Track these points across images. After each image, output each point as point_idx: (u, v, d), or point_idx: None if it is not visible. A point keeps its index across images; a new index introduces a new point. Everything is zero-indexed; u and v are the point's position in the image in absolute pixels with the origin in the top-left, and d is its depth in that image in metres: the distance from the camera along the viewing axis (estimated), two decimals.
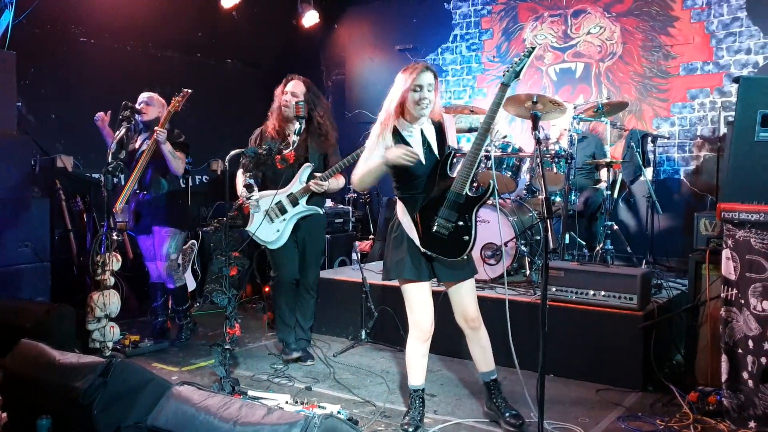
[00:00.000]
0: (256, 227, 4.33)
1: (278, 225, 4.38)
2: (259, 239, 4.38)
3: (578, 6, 6.67)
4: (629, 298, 4.15)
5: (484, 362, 3.54)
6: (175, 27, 6.93)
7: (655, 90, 6.31)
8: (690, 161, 6.17)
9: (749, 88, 3.92)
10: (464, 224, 3.21)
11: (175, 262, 5.05)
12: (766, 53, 5.74)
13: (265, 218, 4.33)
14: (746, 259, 3.26)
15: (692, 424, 3.48)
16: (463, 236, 3.21)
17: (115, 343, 4.62)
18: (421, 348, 3.43)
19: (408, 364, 3.48)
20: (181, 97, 4.75)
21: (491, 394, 3.55)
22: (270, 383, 4.22)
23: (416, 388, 3.48)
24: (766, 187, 3.73)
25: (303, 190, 4.35)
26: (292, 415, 2.29)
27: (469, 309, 3.44)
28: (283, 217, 4.37)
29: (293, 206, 4.38)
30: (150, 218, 4.98)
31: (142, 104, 4.93)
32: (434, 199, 3.27)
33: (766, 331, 3.18)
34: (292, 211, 4.38)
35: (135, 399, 2.71)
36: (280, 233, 4.39)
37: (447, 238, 3.22)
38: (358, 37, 8.30)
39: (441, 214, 3.22)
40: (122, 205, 4.79)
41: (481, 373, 3.58)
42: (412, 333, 3.42)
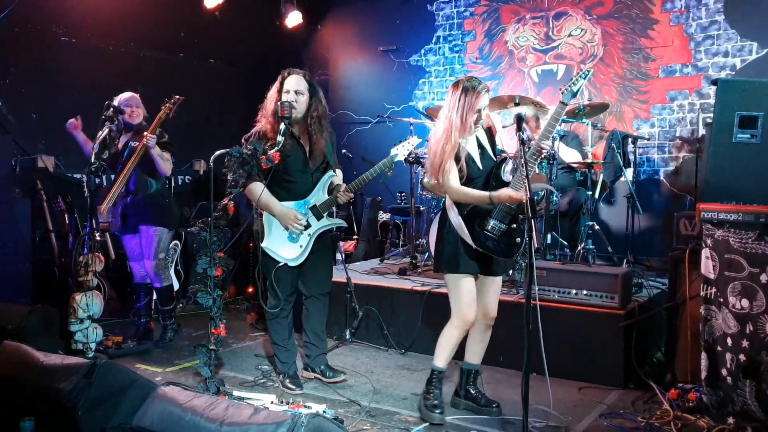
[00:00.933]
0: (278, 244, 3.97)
1: (301, 240, 3.97)
2: (280, 257, 3.97)
3: (560, 8, 6.73)
4: (611, 297, 4.20)
5: (477, 356, 3.77)
6: (157, 26, 6.89)
7: (635, 92, 6.39)
8: (669, 162, 6.25)
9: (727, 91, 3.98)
10: (516, 227, 3.41)
11: (163, 261, 5.04)
12: (743, 56, 5.83)
13: (286, 233, 3.97)
14: (725, 258, 3.32)
15: (672, 420, 3.54)
16: (516, 238, 3.42)
17: (98, 344, 4.58)
18: (460, 337, 3.61)
19: (443, 347, 3.64)
20: (172, 104, 4.76)
21: (469, 382, 3.78)
22: (255, 383, 4.21)
23: (441, 369, 3.67)
24: (743, 187, 3.80)
25: (328, 203, 4.01)
26: (279, 415, 2.29)
27: (491, 306, 3.66)
28: (308, 232, 3.99)
29: (317, 220, 4.02)
30: (137, 218, 4.96)
31: (131, 107, 4.93)
32: None
33: (744, 328, 3.24)
34: (317, 225, 4.01)
35: (120, 400, 2.70)
36: (303, 249, 3.98)
37: (498, 238, 3.43)
38: (341, 38, 8.31)
39: (495, 215, 3.43)
40: (108, 206, 4.79)
41: (468, 363, 3.78)
42: (455, 323, 3.58)
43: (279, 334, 4.14)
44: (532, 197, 3.02)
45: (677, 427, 3.48)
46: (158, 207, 5.01)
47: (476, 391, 3.78)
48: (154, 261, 5.01)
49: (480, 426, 3.53)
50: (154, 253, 4.99)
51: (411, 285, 5.06)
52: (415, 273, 5.53)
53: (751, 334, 3.22)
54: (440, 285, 4.96)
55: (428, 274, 5.46)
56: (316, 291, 4.17)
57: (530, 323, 2.90)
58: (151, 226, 4.97)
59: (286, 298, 4.09)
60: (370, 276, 5.53)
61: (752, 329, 3.21)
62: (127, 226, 4.98)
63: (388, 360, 4.76)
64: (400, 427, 3.53)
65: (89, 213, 4.48)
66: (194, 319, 5.66)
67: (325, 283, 4.23)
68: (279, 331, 4.13)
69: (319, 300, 4.20)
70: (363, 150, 7.46)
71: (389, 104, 7.74)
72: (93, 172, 4.45)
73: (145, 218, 4.96)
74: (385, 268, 5.87)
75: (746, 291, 3.24)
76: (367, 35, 8.06)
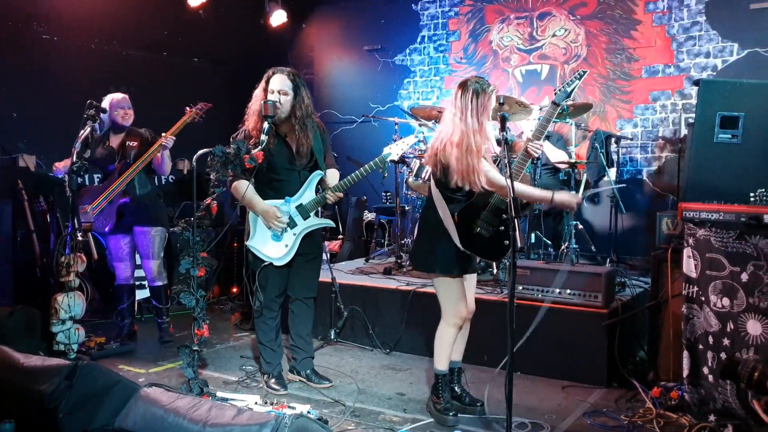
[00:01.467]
0: (262, 242, 3.95)
1: (287, 239, 3.95)
2: (264, 255, 3.95)
3: (544, 9, 6.76)
4: (594, 296, 4.23)
5: (459, 353, 3.78)
6: (140, 25, 6.84)
7: (618, 92, 6.43)
8: (652, 162, 6.30)
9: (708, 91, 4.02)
10: (505, 230, 3.44)
11: (162, 260, 5.03)
12: (724, 57, 5.89)
13: (271, 231, 3.95)
14: (706, 257, 3.35)
15: (655, 418, 3.57)
16: (504, 240, 3.46)
17: (80, 345, 4.54)
18: (456, 334, 3.63)
19: (440, 349, 3.64)
20: (198, 109, 4.75)
21: (453, 380, 3.79)
22: (238, 384, 4.20)
23: (444, 372, 3.67)
24: (725, 187, 3.83)
25: (315, 203, 3.98)
26: (263, 416, 2.28)
27: (471, 301, 3.71)
28: (293, 231, 3.96)
29: (304, 219, 3.98)
30: (133, 218, 4.96)
31: (123, 108, 4.93)
32: (477, 202, 3.48)
33: (725, 327, 3.27)
34: (303, 225, 3.97)
35: (102, 402, 2.67)
36: (289, 248, 3.95)
37: (486, 241, 3.47)
38: (326, 37, 8.30)
39: (483, 217, 3.47)
40: (102, 205, 4.78)
41: (452, 362, 3.75)
42: (449, 321, 3.60)
43: (266, 335, 4.12)
44: (515, 197, 3.03)
45: (660, 426, 3.51)
46: (155, 207, 5.04)
47: (461, 389, 3.79)
48: (156, 260, 5.03)
49: (464, 425, 3.54)
50: (156, 253, 5.02)
51: (396, 285, 5.06)
52: (400, 273, 5.53)
53: (732, 332, 3.25)
54: (425, 285, 4.97)
55: (413, 273, 5.46)
56: (302, 294, 4.15)
57: (514, 322, 2.91)
58: (150, 227, 4.98)
59: (275, 299, 4.07)
60: (355, 276, 5.53)
61: (733, 328, 3.24)
62: (120, 226, 4.96)
63: (373, 360, 4.76)
64: (385, 426, 3.53)
65: (71, 213, 4.44)
66: (178, 320, 5.61)
67: (312, 287, 4.20)
68: (266, 331, 4.12)
69: (305, 303, 4.17)
70: (348, 149, 7.45)
71: (374, 104, 7.73)
72: (75, 171, 4.41)
73: (143, 219, 4.97)
74: (370, 268, 5.87)
75: (727, 290, 3.27)
76: (352, 34, 8.05)
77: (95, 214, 4.84)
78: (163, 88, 4.86)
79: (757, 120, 3.90)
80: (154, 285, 5.11)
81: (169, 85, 6.94)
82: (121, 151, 4.94)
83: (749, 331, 3.20)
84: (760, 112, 3.91)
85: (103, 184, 4.95)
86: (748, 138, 3.92)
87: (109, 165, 4.93)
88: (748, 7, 5.71)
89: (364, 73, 7.91)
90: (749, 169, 3.93)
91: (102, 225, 4.90)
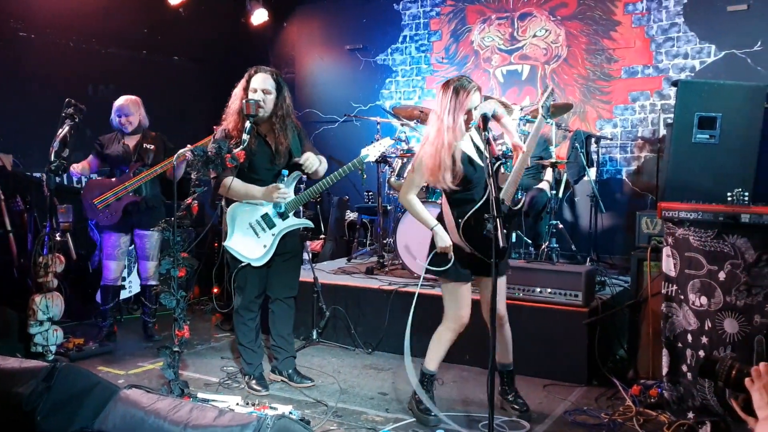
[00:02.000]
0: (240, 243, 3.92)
1: (265, 240, 3.92)
2: (242, 256, 3.91)
3: (524, 9, 6.79)
4: (574, 295, 4.26)
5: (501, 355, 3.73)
6: (119, 23, 6.77)
7: (598, 92, 6.48)
8: (631, 162, 6.36)
9: (687, 92, 4.08)
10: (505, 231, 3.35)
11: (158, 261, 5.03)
12: (702, 58, 5.96)
13: (249, 232, 3.93)
14: (685, 256, 3.39)
15: (635, 416, 3.60)
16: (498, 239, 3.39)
17: (59, 347, 4.49)
18: (453, 339, 3.62)
19: (434, 350, 3.64)
20: None
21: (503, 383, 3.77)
22: (220, 385, 4.17)
23: (433, 372, 3.67)
24: (703, 186, 3.89)
25: (294, 203, 3.96)
26: (244, 417, 2.27)
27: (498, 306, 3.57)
28: (272, 232, 3.94)
29: (282, 220, 3.97)
30: (137, 218, 4.99)
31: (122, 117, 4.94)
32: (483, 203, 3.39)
33: (703, 325, 3.31)
34: (282, 225, 3.96)
35: (81, 404, 2.64)
36: (267, 249, 3.92)
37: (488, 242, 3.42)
38: (307, 36, 8.27)
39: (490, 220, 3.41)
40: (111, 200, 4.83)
41: (498, 364, 3.75)
42: (449, 326, 3.59)
43: (245, 336, 4.10)
44: (497, 197, 3.04)
45: (639, 423, 3.54)
46: (157, 209, 5.06)
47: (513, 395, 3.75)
48: (154, 262, 5.06)
49: (446, 424, 3.55)
50: (155, 254, 5.06)
51: (378, 284, 5.06)
52: (383, 272, 5.53)
53: (709, 330, 3.29)
54: (407, 284, 4.98)
55: (395, 273, 5.47)
56: (282, 294, 4.13)
57: (495, 321, 2.92)
58: (152, 230, 4.99)
59: (254, 300, 4.05)
60: (338, 275, 5.52)
61: (711, 326, 3.28)
62: (121, 224, 4.95)
63: (355, 360, 4.76)
64: (367, 426, 3.53)
65: (49, 212, 4.40)
66: (158, 321, 5.56)
67: (292, 287, 4.19)
68: (246, 332, 4.09)
69: (285, 303, 4.16)
70: (330, 149, 7.43)
71: (356, 103, 7.73)
72: (53, 171, 4.37)
73: (147, 221, 4.99)
74: (352, 268, 5.86)
75: (705, 288, 3.31)
76: (334, 34, 8.04)
77: (101, 207, 4.85)
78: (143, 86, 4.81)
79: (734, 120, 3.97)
80: (148, 284, 5.14)
81: (149, 84, 6.88)
82: (137, 152, 4.99)
83: (726, 329, 3.24)
84: (736, 112, 3.97)
85: (115, 180, 4.96)
86: (725, 138, 3.97)
87: (122, 164, 4.97)
88: (725, 9, 5.78)
89: (346, 72, 7.90)
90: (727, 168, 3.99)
91: (107, 219, 4.89)
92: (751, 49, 5.67)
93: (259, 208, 3.95)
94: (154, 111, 5.29)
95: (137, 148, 5.01)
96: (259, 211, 3.95)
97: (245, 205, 3.95)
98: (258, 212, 3.95)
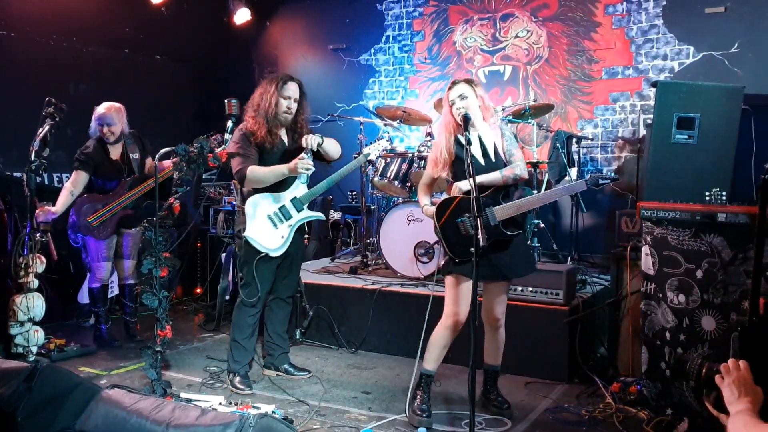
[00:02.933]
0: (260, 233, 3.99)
1: (282, 231, 4.03)
2: (262, 246, 3.99)
3: (506, 10, 6.84)
4: (555, 293, 4.30)
5: (491, 355, 3.79)
6: (101, 21, 6.72)
7: (579, 93, 6.53)
8: (612, 161, 6.42)
9: (666, 93, 4.13)
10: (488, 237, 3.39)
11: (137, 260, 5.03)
12: (681, 59, 6.03)
13: (268, 223, 4.02)
14: (664, 254, 3.44)
15: (614, 413, 3.65)
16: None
17: (40, 348, 4.46)
18: (449, 336, 3.59)
19: (431, 348, 3.61)
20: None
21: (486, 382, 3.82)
22: (202, 385, 4.17)
23: (431, 373, 3.66)
24: (681, 186, 3.94)
25: (308, 195, 4.11)
26: (227, 416, 2.27)
27: (491, 308, 3.66)
28: (288, 223, 4.06)
29: (298, 212, 4.09)
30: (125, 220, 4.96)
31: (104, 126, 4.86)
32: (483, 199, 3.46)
33: (681, 322, 3.36)
34: (297, 217, 4.08)
35: (62, 404, 2.63)
36: (285, 240, 4.04)
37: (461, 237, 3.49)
38: (290, 36, 8.26)
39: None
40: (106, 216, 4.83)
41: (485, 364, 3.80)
42: (444, 322, 3.57)
43: (242, 332, 4.13)
44: (478, 196, 3.07)
45: (619, 420, 3.59)
46: (141, 209, 5.00)
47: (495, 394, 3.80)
48: (134, 260, 5.04)
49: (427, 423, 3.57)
50: (135, 253, 5.03)
51: (362, 284, 5.08)
52: (366, 272, 5.55)
53: (687, 328, 3.34)
54: (391, 284, 5.00)
55: (379, 272, 5.48)
56: (284, 294, 4.28)
57: (476, 320, 2.95)
58: (134, 228, 4.98)
59: (262, 297, 4.13)
60: (321, 275, 5.52)
61: (688, 323, 3.33)
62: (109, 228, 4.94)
63: (339, 359, 4.76)
64: (350, 425, 3.55)
65: (29, 212, 4.36)
66: (141, 321, 5.54)
67: (293, 286, 4.37)
68: (243, 328, 4.12)
69: (285, 302, 4.31)
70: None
71: (339, 103, 7.73)
72: (33, 170, 4.33)
73: (131, 221, 4.96)
74: (335, 267, 5.87)
75: (683, 286, 3.36)
76: (317, 33, 8.03)
77: (96, 225, 4.82)
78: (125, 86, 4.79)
79: (712, 121, 4.02)
80: (128, 283, 5.10)
81: (132, 83, 6.84)
82: (127, 164, 4.97)
83: (704, 326, 3.30)
84: (714, 113, 4.03)
85: (109, 195, 4.91)
86: (703, 139, 4.03)
87: (114, 180, 4.93)
88: (703, 11, 5.85)
89: (329, 72, 7.90)
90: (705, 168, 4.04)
91: (103, 234, 4.86)
92: (729, 50, 5.75)
93: (279, 200, 4.06)
94: (136, 111, 5.26)
95: (125, 159, 4.97)
96: (279, 202, 4.05)
97: (266, 196, 4.04)
98: (277, 204, 4.05)
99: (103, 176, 4.92)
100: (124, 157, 4.97)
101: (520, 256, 3.60)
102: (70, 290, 5.57)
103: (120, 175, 4.94)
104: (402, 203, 5.36)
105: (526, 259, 3.69)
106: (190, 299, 6.50)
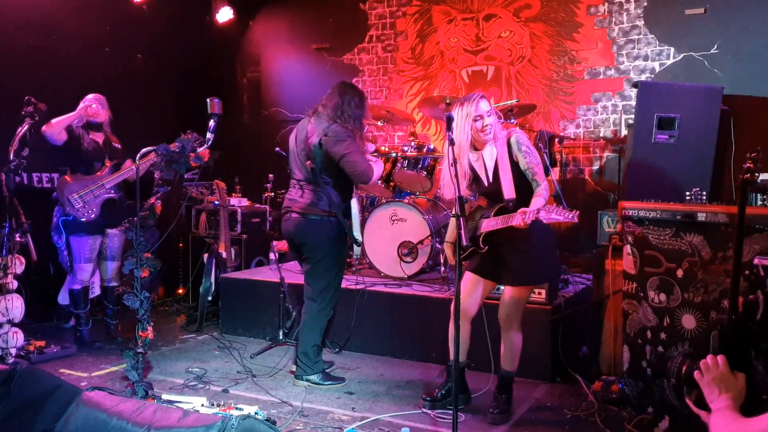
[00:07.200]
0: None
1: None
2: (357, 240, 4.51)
3: (489, 10, 6.85)
4: (538, 293, 4.31)
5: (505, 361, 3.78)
6: (81, 20, 6.64)
7: (561, 93, 6.57)
8: (594, 161, 6.46)
9: (647, 93, 4.17)
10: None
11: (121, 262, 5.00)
12: (661, 60, 6.08)
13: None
14: (645, 254, 3.46)
15: (597, 412, 3.67)
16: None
17: (19, 350, 4.41)
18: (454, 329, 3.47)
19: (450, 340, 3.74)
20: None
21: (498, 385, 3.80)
22: (185, 387, 4.14)
23: (450, 363, 3.75)
24: (662, 185, 3.98)
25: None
26: (209, 417, 2.27)
27: (501, 310, 3.73)
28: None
29: None
30: (110, 218, 4.95)
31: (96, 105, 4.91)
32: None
33: (662, 321, 3.39)
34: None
35: (42, 407, 2.60)
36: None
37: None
38: (274, 35, 8.22)
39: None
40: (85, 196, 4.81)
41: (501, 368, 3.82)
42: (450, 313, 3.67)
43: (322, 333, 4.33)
44: (461, 196, 3.08)
45: (601, 418, 3.61)
46: (123, 208, 4.99)
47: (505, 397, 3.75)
48: (119, 262, 5.00)
49: (412, 422, 3.57)
50: (119, 255, 5.01)
51: (345, 284, 5.06)
52: (350, 272, 5.53)
53: (668, 326, 3.37)
54: (375, 284, 5.00)
55: (363, 272, 5.48)
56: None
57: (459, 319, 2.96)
58: (119, 228, 4.97)
59: None
60: None
61: (669, 322, 3.36)
62: (94, 225, 4.89)
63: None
64: (333, 426, 3.54)
65: (9, 213, 4.31)
66: (121, 322, 5.50)
67: None
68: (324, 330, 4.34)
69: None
70: None
71: None
72: (13, 170, 4.29)
73: (117, 220, 4.95)
74: None
75: (664, 286, 3.39)
76: (300, 33, 8.00)
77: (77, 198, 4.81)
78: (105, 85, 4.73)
79: (692, 121, 4.07)
80: (111, 285, 5.10)
81: (112, 82, 6.77)
82: (108, 149, 5.00)
83: (684, 325, 3.33)
84: (694, 113, 4.08)
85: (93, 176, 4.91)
86: (684, 138, 4.08)
87: (95, 160, 4.94)
88: (683, 12, 5.91)
89: (313, 71, 7.87)
90: (685, 168, 4.09)
91: (86, 214, 4.83)
92: (708, 51, 5.81)
93: None
94: (117, 110, 5.22)
95: (107, 146, 5.01)
96: None
97: None
98: None
99: (87, 155, 4.92)
100: (106, 144, 5.01)
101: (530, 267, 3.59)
102: (51, 292, 5.51)
103: (102, 157, 4.96)
104: (385, 203, 5.36)
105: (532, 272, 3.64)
106: (172, 300, 6.45)
